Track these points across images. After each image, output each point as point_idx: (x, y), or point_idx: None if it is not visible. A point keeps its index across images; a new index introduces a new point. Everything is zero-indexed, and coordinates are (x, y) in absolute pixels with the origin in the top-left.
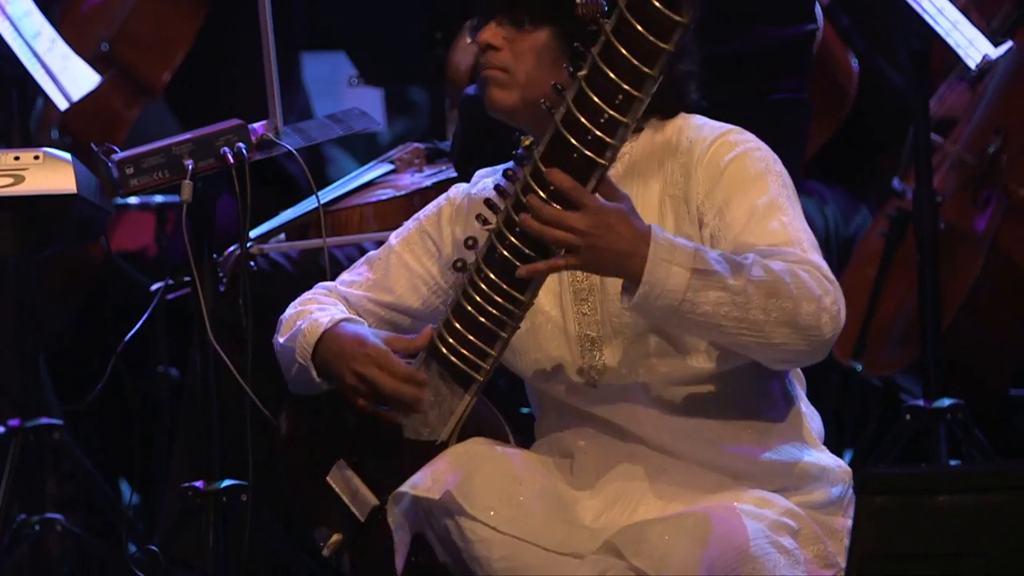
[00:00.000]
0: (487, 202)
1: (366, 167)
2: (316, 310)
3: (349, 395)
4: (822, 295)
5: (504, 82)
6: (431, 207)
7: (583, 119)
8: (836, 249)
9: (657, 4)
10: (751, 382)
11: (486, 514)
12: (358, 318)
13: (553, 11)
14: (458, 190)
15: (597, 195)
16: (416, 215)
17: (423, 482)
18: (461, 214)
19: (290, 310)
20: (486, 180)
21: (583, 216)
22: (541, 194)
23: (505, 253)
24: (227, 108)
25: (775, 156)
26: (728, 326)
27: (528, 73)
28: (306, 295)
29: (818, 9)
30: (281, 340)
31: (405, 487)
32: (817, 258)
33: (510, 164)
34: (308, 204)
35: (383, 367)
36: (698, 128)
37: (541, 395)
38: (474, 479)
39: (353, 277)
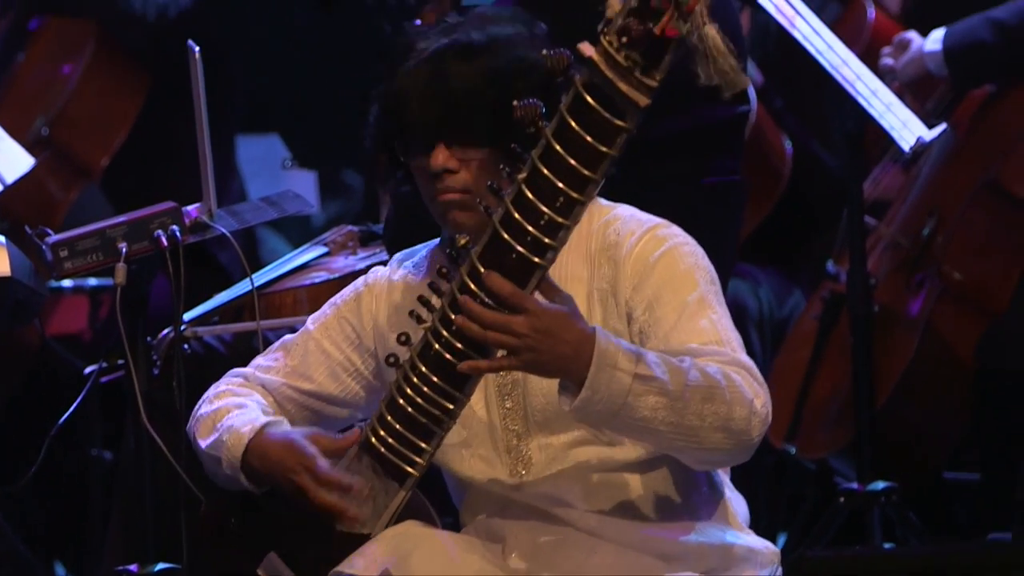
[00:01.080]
0: (421, 299)
1: (300, 250)
2: (235, 413)
3: (284, 496)
4: (753, 398)
5: (467, 203)
6: (349, 292)
7: (522, 220)
8: (769, 332)
9: (600, 109)
10: (676, 469)
11: None
12: (278, 419)
13: (500, 124)
14: (376, 275)
15: (538, 296)
16: (333, 300)
17: (359, 564)
18: (382, 301)
19: (206, 407)
20: (406, 263)
21: (525, 320)
22: (480, 295)
23: (441, 351)
24: (161, 191)
25: (702, 251)
26: (664, 431)
27: (482, 187)
28: (221, 386)
29: (751, 90)
30: (202, 444)
31: (342, 566)
32: (746, 358)
33: (429, 246)
34: (242, 287)
35: (312, 474)
36: (625, 221)
37: (467, 484)
38: (411, 559)
39: (270, 363)
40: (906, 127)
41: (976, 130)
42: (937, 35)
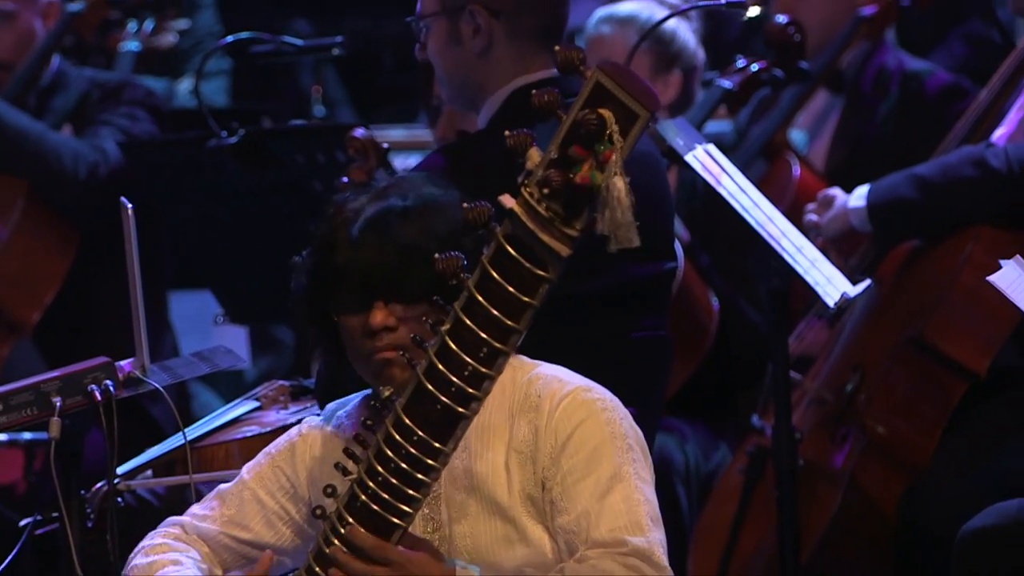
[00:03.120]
0: (347, 451)
1: (232, 404)
2: (171, 570)
3: None
4: None
5: (401, 361)
6: (283, 442)
7: (446, 371)
8: (696, 486)
9: (521, 260)
10: None
11: None
12: None
13: (434, 282)
14: (310, 425)
15: (400, 547)
16: (268, 450)
17: None
18: (315, 451)
19: (141, 558)
20: (339, 413)
21: (391, 572)
22: (406, 447)
23: (368, 502)
24: (95, 346)
25: (623, 412)
26: None
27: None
28: (156, 539)
29: (678, 247)
30: None
31: None
32: (652, 538)
33: (361, 395)
34: (175, 440)
35: None
36: (547, 381)
37: None
38: None
39: (206, 511)
40: (831, 283)
41: (900, 286)
42: (861, 191)
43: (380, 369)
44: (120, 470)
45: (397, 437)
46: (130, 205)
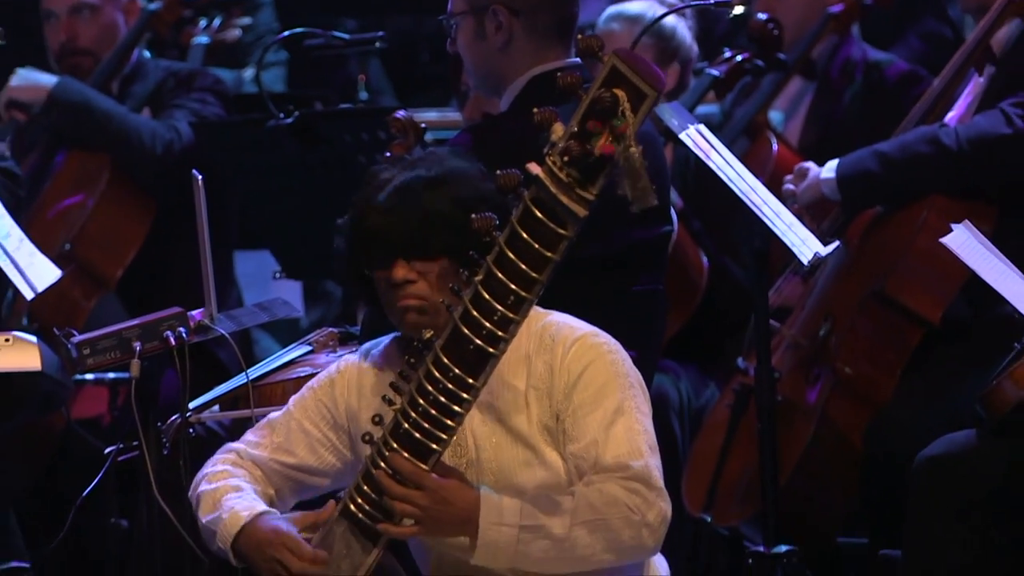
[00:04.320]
0: (392, 385)
1: (288, 348)
2: (233, 496)
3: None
4: (644, 513)
5: (424, 308)
6: (324, 378)
7: (479, 316)
8: (688, 419)
9: (545, 220)
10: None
11: None
12: (272, 511)
13: (450, 241)
14: (348, 362)
15: (433, 474)
16: (310, 384)
17: None
18: (352, 384)
19: (206, 485)
20: (372, 352)
21: (424, 495)
22: (443, 381)
23: (410, 429)
24: (169, 298)
25: (625, 355)
26: (561, 566)
27: (437, 295)
28: (217, 464)
29: (673, 214)
30: (203, 519)
31: None
32: (650, 464)
33: (390, 337)
34: (238, 380)
35: (293, 550)
36: (559, 327)
37: (428, 548)
38: None
39: (258, 439)
40: (805, 244)
41: (865, 246)
42: (831, 165)
43: (403, 315)
44: (191, 405)
45: (436, 373)
46: (200, 177)
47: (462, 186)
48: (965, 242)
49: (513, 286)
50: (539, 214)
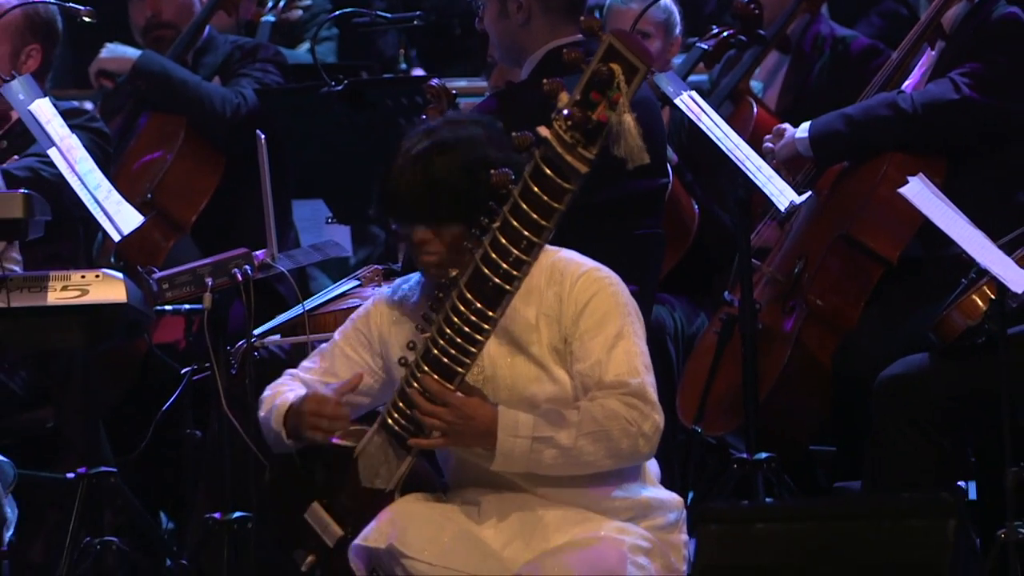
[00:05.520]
0: (424, 316)
1: (339, 283)
2: (287, 391)
3: (310, 432)
4: (640, 424)
5: (439, 263)
6: (361, 310)
7: (497, 258)
8: (682, 343)
9: (552, 175)
10: None
11: (421, 554)
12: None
13: (460, 211)
14: (382, 295)
15: (458, 393)
16: (352, 316)
17: (371, 534)
18: (384, 315)
19: (268, 391)
20: (403, 286)
21: (450, 411)
22: (465, 312)
23: (438, 355)
24: (237, 240)
25: (625, 288)
26: (568, 470)
27: (452, 252)
28: (278, 381)
29: (669, 167)
30: (262, 414)
31: (359, 540)
32: (645, 381)
33: (419, 274)
34: (297, 310)
35: (323, 395)
36: (567, 262)
37: (452, 454)
38: (408, 531)
39: (310, 365)
40: (782, 194)
41: (833, 196)
42: (804, 126)
43: (425, 268)
44: (255, 332)
45: (460, 307)
46: (263, 136)
47: (471, 151)
48: (919, 192)
49: (526, 232)
50: (547, 170)
